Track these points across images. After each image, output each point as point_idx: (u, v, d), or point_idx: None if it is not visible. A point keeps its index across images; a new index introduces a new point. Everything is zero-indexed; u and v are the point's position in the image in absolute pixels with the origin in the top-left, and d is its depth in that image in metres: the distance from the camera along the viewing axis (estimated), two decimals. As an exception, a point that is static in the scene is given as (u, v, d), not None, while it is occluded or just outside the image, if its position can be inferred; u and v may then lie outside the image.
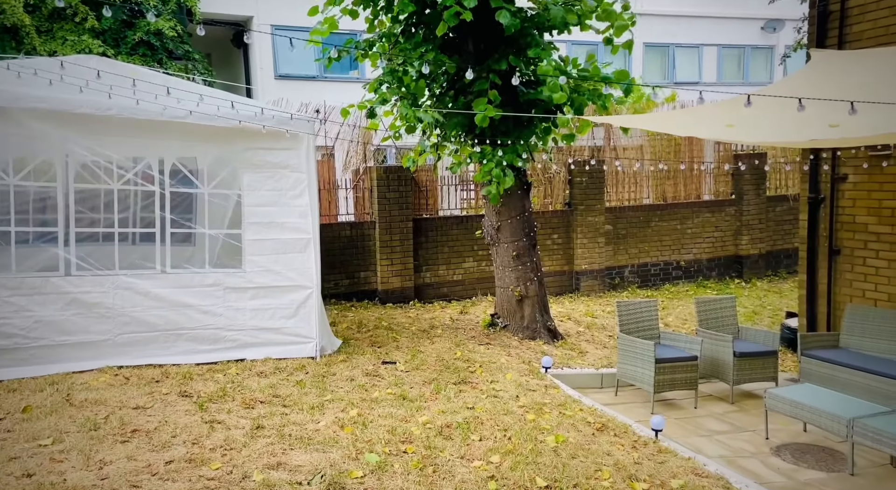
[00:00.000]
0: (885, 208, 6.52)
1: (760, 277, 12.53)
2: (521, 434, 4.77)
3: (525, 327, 8.19)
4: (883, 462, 5.14)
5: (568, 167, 11.22)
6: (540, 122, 7.76)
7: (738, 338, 7.13)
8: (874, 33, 6.40)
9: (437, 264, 10.39)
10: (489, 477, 4.03)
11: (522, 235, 8.15)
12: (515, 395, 5.78)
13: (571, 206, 11.27)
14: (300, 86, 15.97)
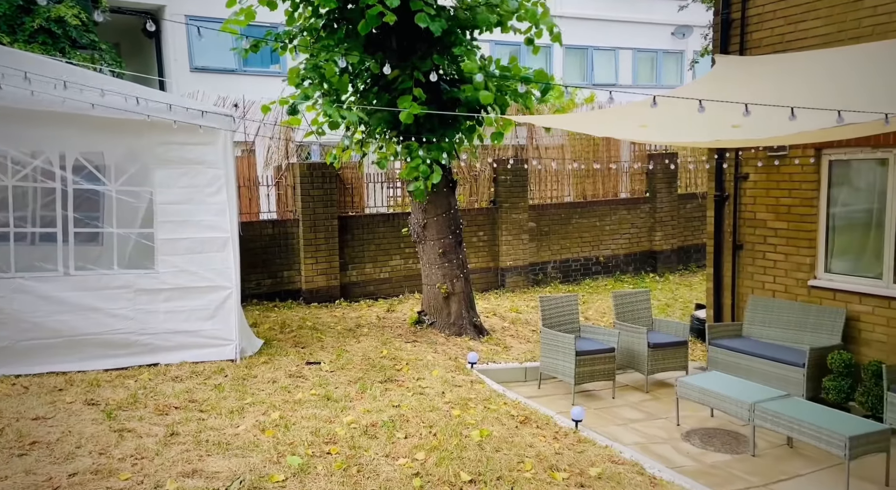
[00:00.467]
0: (782, 205, 7.01)
1: (673, 271, 13.18)
2: (446, 430, 4.81)
3: (452, 324, 8.25)
4: (780, 443, 5.53)
5: (493, 166, 11.40)
6: (465, 121, 7.83)
7: (652, 330, 7.47)
8: (771, 40, 6.87)
9: (364, 262, 10.29)
10: (414, 474, 4.03)
11: (448, 233, 8.21)
12: (441, 391, 5.82)
13: (496, 204, 11.45)
14: (218, 79, 15.38)
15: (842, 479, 4.73)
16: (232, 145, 6.64)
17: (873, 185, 6.30)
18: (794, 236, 6.90)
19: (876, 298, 6.13)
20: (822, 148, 6.56)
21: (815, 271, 6.75)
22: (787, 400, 5.31)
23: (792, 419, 4.92)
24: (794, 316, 6.72)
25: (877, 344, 6.13)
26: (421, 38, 7.27)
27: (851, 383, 6.01)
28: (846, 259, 6.58)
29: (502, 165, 11.29)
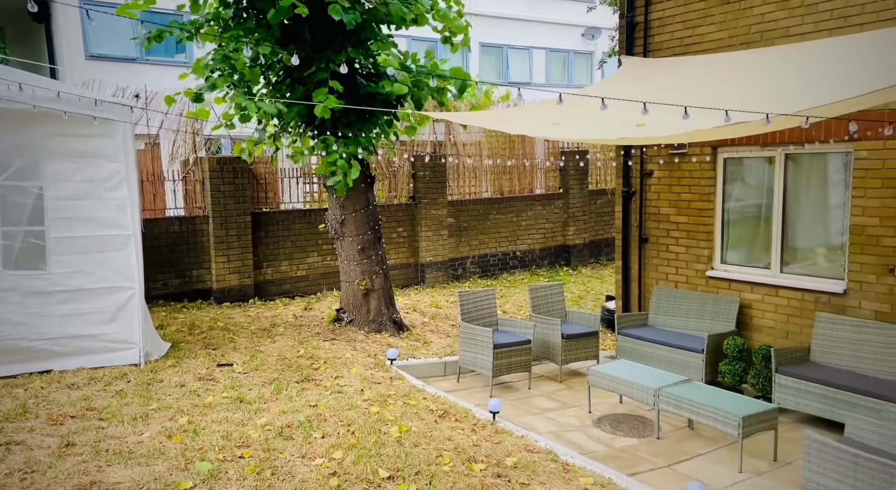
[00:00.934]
0: (683, 201, 7.43)
1: (585, 265, 13.69)
2: (364, 427, 4.76)
3: (371, 321, 8.19)
4: (682, 425, 5.87)
5: (412, 161, 11.39)
6: (382, 115, 7.77)
7: (566, 321, 7.73)
8: (672, 44, 7.25)
9: (279, 260, 10.02)
10: (331, 474, 3.97)
11: (367, 229, 8.13)
12: (360, 389, 5.76)
13: (416, 200, 11.46)
14: (117, 68, 14.46)
15: (736, 457, 5.08)
16: (132, 138, 6.26)
17: (762, 182, 6.79)
18: (693, 230, 7.33)
19: (765, 287, 6.62)
20: (718, 146, 7.00)
21: (713, 262, 7.20)
22: (687, 384, 5.64)
23: (692, 402, 5.23)
24: (694, 305, 7.15)
25: (767, 329, 6.62)
26: (335, 30, 7.15)
27: (744, 367, 6.47)
28: (739, 251, 7.06)
29: (421, 161, 11.31)
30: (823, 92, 3.94)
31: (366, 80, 7.64)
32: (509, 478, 4.20)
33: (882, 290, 5.67)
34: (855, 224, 5.82)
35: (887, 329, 5.50)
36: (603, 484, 4.24)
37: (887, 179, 5.57)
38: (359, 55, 7.19)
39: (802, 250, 6.52)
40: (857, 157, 5.79)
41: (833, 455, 3.87)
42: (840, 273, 6.09)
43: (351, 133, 7.36)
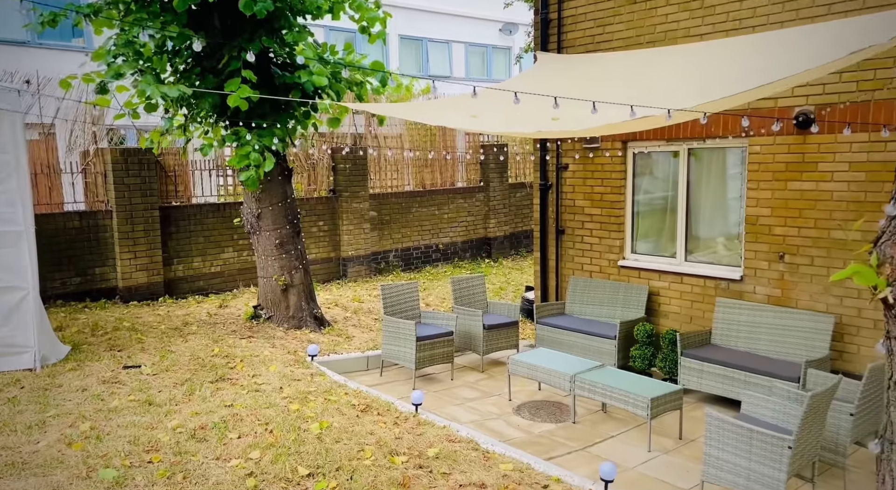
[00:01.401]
0: (596, 193, 7.72)
1: (506, 256, 13.97)
2: (283, 425, 4.66)
3: (291, 317, 8.01)
4: (596, 409, 6.12)
5: (331, 154, 11.19)
6: (298, 106, 7.58)
7: (487, 312, 7.86)
8: (584, 41, 7.50)
9: (192, 256, 9.60)
10: (248, 474, 3.86)
11: (285, 223, 7.93)
12: (279, 386, 5.63)
13: (336, 193, 11.28)
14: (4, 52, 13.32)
15: (646, 436, 5.35)
16: (23, 126, 5.80)
17: (668, 175, 7.15)
18: (606, 221, 7.63)
19: (671, 275, 6.99)
20: (628, 141, 7.31)
21: (624, 252, 7.53)
22: (601, 370, 5.87)
23: (605, 387, 5.45)
24: (607, 293, 7.45)
25: (673, 315, 7.00)
26: (247, 18, 6.89)
27: (653, 351, 6.81)
28: (648, 241, 7.42)
29: (341, 154, 11.14)
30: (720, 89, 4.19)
31: (281, 70, 7.43)
32: (431, 468, 4.23)
33: (774, 275, 6.12)
34: (750, 214, 6.25)
35: (779, 312, 5.95)
36: (522, 469, 4.35)
37: (777, 172, 6.01)
38: (273, 44, 6.98)
39: (704, 240, 6.93)
40: (751, 152, 6.20)
41: (731, 430, 4.15)
42: (737, 261, 6.52)
43: (266, 124, 7.13)
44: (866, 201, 5.47)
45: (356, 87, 7.67)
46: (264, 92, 6.91)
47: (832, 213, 5.69)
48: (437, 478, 4.10)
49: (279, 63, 7.47)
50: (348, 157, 11.19)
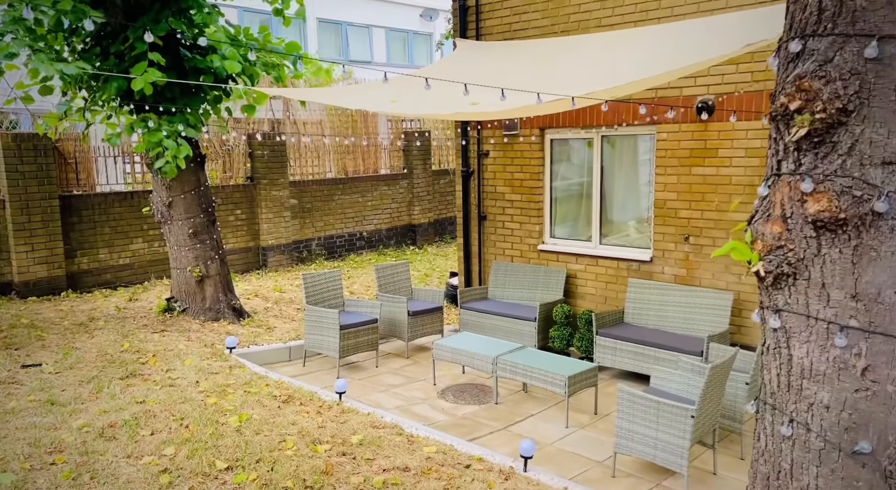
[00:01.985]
0: (516, 180, 7.88)
1: (431, 243, 14.04)
2: (200, 420, 4.52)
3: (207, 309, 7.74)
4: (518, 389, 6.29)
5: (248, 140, 10.83)
6: (210, 91, 7.28)
7: (411, 298, 7.89)
8: (501, 28, 7.60)
9: (97, 248, 9.06)
10: (161, 471, 3.73)
11: (199, 211, 7.63)
12: (195, 380, 5.44)
13: (254, 180, 10.94)
14: None
15: (564, 414, 5.57)
16: None
17: (583, 162, 7.40)
18: (526, 207, 7.81)
19: (587, 258, 7.27)
20: (545, 128, 7.50)
21: (543, 237, 7.74)
22: (521, 351, 6.04)
23: (525, 367, 5.62)
24: (528, 277, 7.65)
25: (589, 296, 7.29)
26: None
27: (571, 331, 7.07)
28: (565, 225, 7.66)
29: (257, 140, 10.80)
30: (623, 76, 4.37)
31: (191, 52, 7.10)
32: (354, 455, 4.23)
33: (680, 256, 6.48)
34: (658, 199, 6.57)
35: (684, 291, 6.31)
36: (445, 451, 4.43)
37: (682, 158, 6.35)
38: (181, 26, 6.65)
39: (617, 223, 7.23)
40: (658, 139, 6.51)
41: (640, 403, 4.39)
42: (647, 243, 6.85)
43: (175, 109, 6.81)
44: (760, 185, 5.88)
45: (273, 70, 7.45)
46: (173, 76, 6.59)
47: (731, 196, 6.07)
48: (361, 464, 4.11)
49: (188, 45, 7.13)
50: (266, 144, 10.87)
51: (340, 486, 3.78)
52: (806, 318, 1.65)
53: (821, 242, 1.63)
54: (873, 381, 1.58)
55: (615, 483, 4.43)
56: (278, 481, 3.74)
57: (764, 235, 1.72)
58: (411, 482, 3.87)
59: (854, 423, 1.61)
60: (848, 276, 1.61)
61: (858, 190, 1.58)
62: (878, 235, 1.57)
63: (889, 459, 1.57)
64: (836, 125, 1.58)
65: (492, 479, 4.00)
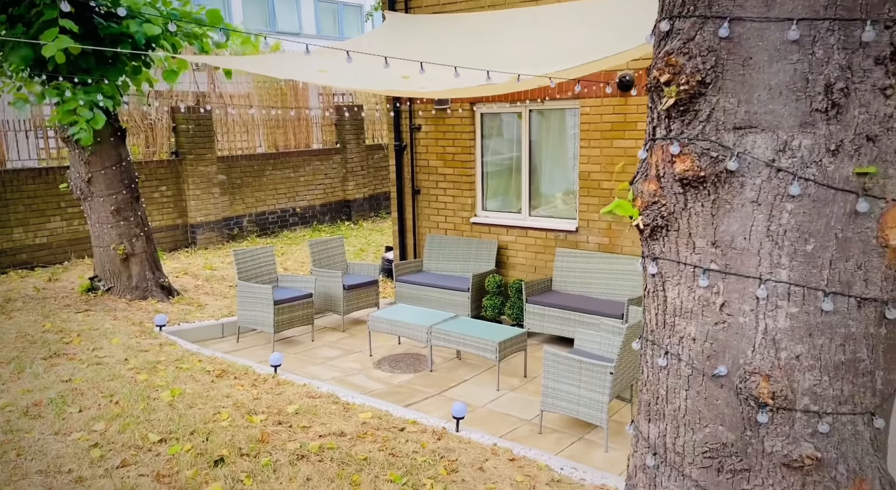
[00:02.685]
0: (448, 153, 8.00)
1: (366, 218, 14.04)
2: (130, 396, 4.47)
3: (134, 287, 7.53)
4: (452, 357, 6.50)
5: (171, 113, 10.45)
6: (129, 61, 6.99)
7: (347, 273, 7.93)
8: (431, 2, 7.62)
9: (11, 227, 8.60)
10: (92, 445, 3.70)
11: (122, 187, 7.36)
12: (124, 358, 5.35)
13: (179, 156, 10.60)
14: None
15: (495, 378, 5.82)
16: None
17: (513, 136, 7.60)
18: (459, 180, 7.96)
19: (517, 229, 7.51)
20: (475, 102, 7.62)
21: (476, 210, 7.93)
22: (455, 320, 6.24)
23: (459, 335, 5.81)
24: (461, 249, 7.84)
25: (519, 266, 7.55)
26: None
27: (502, 300, 7.33)
28: (497, 198, 7.87)
29: (182, 113, 10.44)
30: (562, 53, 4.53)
31: (105, 19, 6.77)
32: (290, 423, 4.31)
33: (603, 226, 6.80)
34: (582, 171, 6.85)
35: (607, 258, 6.65)
36: (380, 416, 4.57)
37: (605, 132, 6.63)
38: (95, -10, 6.34)
39: (546, 196, 7.49)
40: (582, 113, 6.76)
41: (564, 363, 4.66)
42: (573, 214, 7.15)
43: (91, 79, 6.51)
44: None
45: (196, 41, 7.21)
46: (86, 43, 6.28)
47: (650, 168, 6.41)
48: (297, 431, 4.19)
49: (104, 14, 6.80)
50: (191, 118, 10.52)
51: (276, 452, 3.86)
52: (677, 264, 1.90)
53: (687, 198, 1.86)
54: (729, 315, 1.84)
55: (542, 438, 4.71)
56: (213, 450, 3.79)
57: (642, 193, 1.94)
58: (347, 445, 4.00)
59: (714, 351, 1.87)
60: (708, 226, 1.85)
61: (715, 152, 1.80)
62: (731, 190, 1.80)
63: (740, 379, 1.84)
64: (697, 96, 1.80)
65: (425, 439, 4.18)
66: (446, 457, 3.91)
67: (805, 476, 1.79)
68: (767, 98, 1.73)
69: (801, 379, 1.77)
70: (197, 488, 3.39)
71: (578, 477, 3.78)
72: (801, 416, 1.79)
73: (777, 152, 1.73)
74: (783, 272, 1.76)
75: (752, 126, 1.75)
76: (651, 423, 2.04)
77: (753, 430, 1.82)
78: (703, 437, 1.90)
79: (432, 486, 3.51)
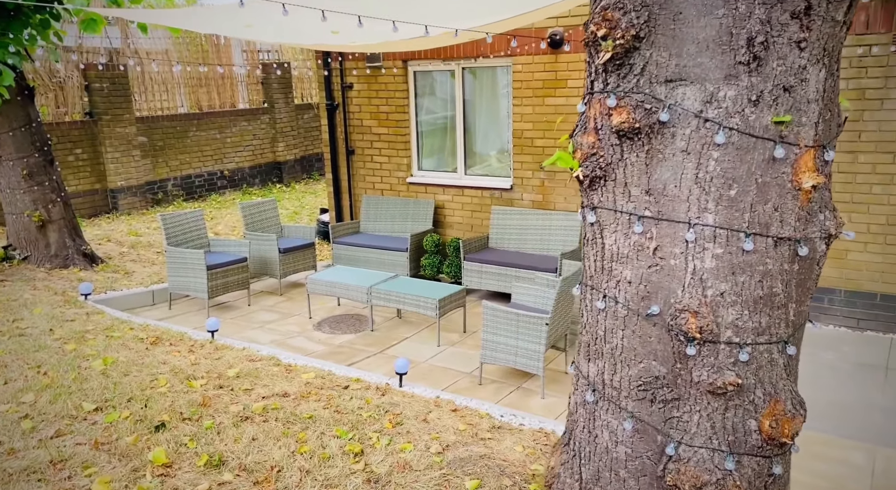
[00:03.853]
0: (382, 113, 7.89)
1: (298, 181, 13.72)
2: (59, 366, 4.30)
3: (53, 256, 7.14)
4: (392, 316, 6.56)
5: (84, 71, 9.76)
6: (34, 14, 6.44)
7: (282, 236, 7.79)
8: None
9: None
10: (22, 417, 3.56)
11: (33, 150, 6.89)
12: (49, 329, 5.11)
13: (94, 116, 9.96)
14: None
15: (435, 334, 5.93)
16: None
17: (447, 94, 7.57)
18: (394, 140, 7.89)
19: (454, 188, 7.56)
20: (408, 60, 7.52)
21: (412, 170, 7.91)
22: (395, 279, 6.28)
23: (399, 294, 5.87)
24: (398, 209, 7.84)
25: (456, 225, 7.63)
26: None
27: (441, 259, 7.42)
28: (432, 158, 7.87)
29: (95, 71, 9.77)
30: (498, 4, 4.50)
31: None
32: (232, 387, 4.28)
33: (536, 183, 6.95)
34: (516, 129, 6.94)
35: (541, 214, 6.82)
36: (323, 376, 4.60)
37: (536, 89, 6.71)
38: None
39: (481, 154, 7.56)
40: (514, 71, 6.81)
41: (502, 317, 4.81)
42: (507, 172, 7.26)
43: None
44: (606, 116, 6.40)
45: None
46: (-16, -9, 5.75)
47: (581, 126, 6.56)
48: (239, 394, 4.17)
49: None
50: (104, 75, 9.87)
51: (219, 415, 3.84)
52: (614, 212, 2.00)
53: (623, 149, 1.95)
54: (661, 258, 1.97)
55: (482, 389, 4.88)
56: (153, 416, 3.72)
57: (582, 145, 2.02)
58: (291, 405, 4.02)
59: (647, 293, 2.00)
60: (643, 175, 1.95)
61: (649, 103, 1.89)
62: (663, 140, 1.90)
63: (671, 316, 1.99)
64: (632, 50, 1.87)
65: (369, 395, 4.25)
66: (391, 411, 4.00)
67: (728, 401, 1.97)
68: (696, 51, 1.81)
69: (724, 314, 1.92)
70: (139, 453, 3.34)
71: (518, 423, 3.96)
72: (724, 348, 1.95)
73: (704, 103, 1.83)
74: (709, 216, 1.88)
75: (682, 79, 1.83)
76: (590, 362, 2.16)
77: (683, 362, 1.97)
78: (637, 371, 2.04)
79: (378, 438, 3.60)
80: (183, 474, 3.17)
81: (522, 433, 3.78)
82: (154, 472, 3.17)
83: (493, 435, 3.73)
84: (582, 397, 2.22)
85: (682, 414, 2.00)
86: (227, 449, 3.43)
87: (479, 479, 3.15)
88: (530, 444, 3.62)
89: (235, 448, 3.44)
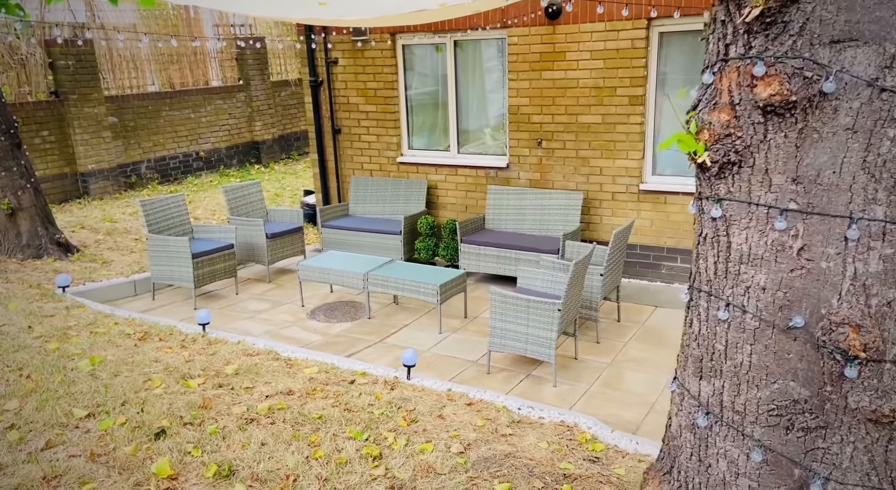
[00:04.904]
0: (370, 89, 7.55)
1: (277, 161, 13.28)
2: (43, 368, 4.00)
3: (25, 246, 6.74)
4: (389, 302, 6.34)
5: (45, 47, 9.17)
6: (-10, -18, 5.94)
7: (268, 220, 7.47)
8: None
9: None
10: (8, 427, 3.28)
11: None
12: (27, 326, 4.78)
13: (60, 96, 9.41)
14: None
15: (436, 321, 5.74)
16: None
17: (438, 69, 7.26)
18: (382, 118, 7.57)
19: (447, 167, 7.30)
20: (396, 33, 7.17)
21: (402, 149, 7.62)
22: (390, 264, 6.04)
23: (396, 280, 5.64)
24: (389, 191, 7.56)
25: (451, 206, 7.39)
26: None
27: (436, 241, 7.19)
28: (423, 136, 7.58)
29: (59, 46, 9.19)
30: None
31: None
32: (232, 386, 4.03)
33: (534, 161, 6.73)
34: (512, 105, 6.68)
35: (539, 193, 6.62)
36: (327, 370, 4.38)
37: (533, 63, 6.44)
38: None
39: (474, 132, 7.29)
40: (509, 43, 6.52)
41: (511, 303, 4.62)
42: (503, 150, 7.02)
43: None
44: (604, 87, 6.17)
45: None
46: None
47: (578, 99, 6.33)
48: (241, 393, 3.93)
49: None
50: (69, 52, 9.30)
51: (222, 418, 3.60)
52: (747, 205, 1.69)
53: (767, 128, 1.63)
54: (808, 260, 1.66)
55: (490, 378, 4.71)
56: (152, 422, 3.47)
57: (711, 124, 1.69)
58: (297, 404, 3.80)
59: (788, 301, 1.70)
60: (791, 159, 1.63)
61: (809, 71, 1.55)
62: (822, 117, 1.58)
63: (822, 330, 1.68)
64: (788, 3, 1.53)
65: (378, 390, 4.05)
66: (403, 407, 3.80)
67: (893, 431, 1.69)
68: (874, 2, 1.46)
69: (892, 328, 1.62)
70: (140, 465, 3.10)
71: (537, 416, 3.80)
72: (890, 368, 1.65)
73: (882, 69, 1.49)
74: (879, 209, 1.56)
75: (852, 39, 1.49)
76: (703, 380, 1.87)
77: (835, 384, 1.68)
78: (769, 394, 1.76)
79: (395, 439, 3.41)
80: (191, 487, 2.94)
81: (544, 428, 3.63)
82: (159, 486, 2.93)
83: (513, 430, 3.56)
84: (690, 420, 1.94)
85: (831, 445, 1.72)
86: (236, 456, 3.20)
87: (509, 482, 2.98)
88: (554, 439, 3.47)
89: (244, 455, 3.21)
